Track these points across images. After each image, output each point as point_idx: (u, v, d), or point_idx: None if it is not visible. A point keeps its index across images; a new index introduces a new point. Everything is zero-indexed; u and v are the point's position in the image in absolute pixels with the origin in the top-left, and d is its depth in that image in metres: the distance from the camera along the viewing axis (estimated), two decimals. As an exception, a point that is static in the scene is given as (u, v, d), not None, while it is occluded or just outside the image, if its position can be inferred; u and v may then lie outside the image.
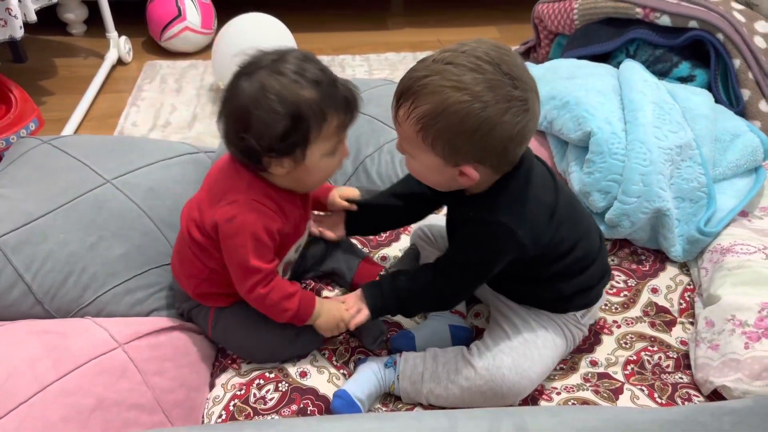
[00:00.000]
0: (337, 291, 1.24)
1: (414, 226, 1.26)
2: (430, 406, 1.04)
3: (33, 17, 1.76)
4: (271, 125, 0.90)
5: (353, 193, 1.18)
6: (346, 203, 1.16)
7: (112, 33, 2.28)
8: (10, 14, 1.66)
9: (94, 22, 2.41)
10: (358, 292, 1.06)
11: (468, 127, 0.85)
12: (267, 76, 0.91)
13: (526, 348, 1.02)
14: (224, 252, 1.00)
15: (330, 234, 1.18)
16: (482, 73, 0.85)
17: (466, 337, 1.12)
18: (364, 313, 1.04)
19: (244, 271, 0.99)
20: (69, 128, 1.94)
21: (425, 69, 0.87)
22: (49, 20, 2.35)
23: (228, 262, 1.01)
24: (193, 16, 2.29)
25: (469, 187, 0.95)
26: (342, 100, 0.95)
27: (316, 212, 1.20)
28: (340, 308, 1.05)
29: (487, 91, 0.84)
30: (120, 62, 2.34)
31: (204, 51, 2.39)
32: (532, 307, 1.07)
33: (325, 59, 2.35)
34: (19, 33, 1.70)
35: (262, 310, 1.04)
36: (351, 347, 1.13)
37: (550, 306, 1.06)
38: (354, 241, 1.31)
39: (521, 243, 0.94)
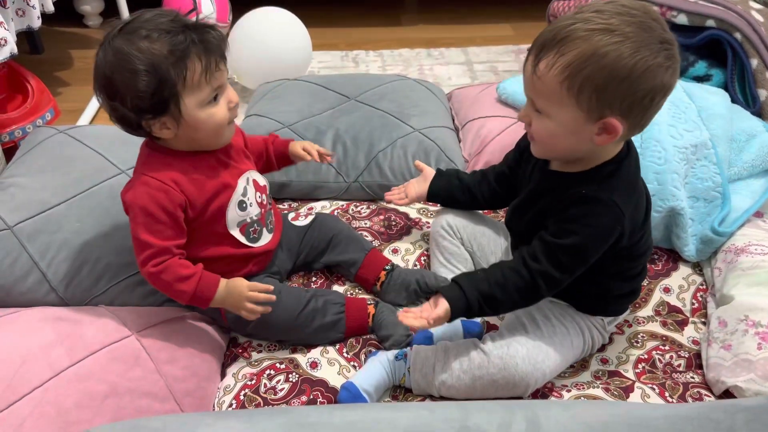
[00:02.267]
0: (347, 285, 1.24)
1: (437, 217, 1.25)
2: (441, 398, 1.04)
3: (50, 8, 1.77)
4: (131, 85, 0.91)
5: (311, 145, 1.20)
6: (305, 153, 1.18)
7: (128, 25, 2.29)
8: (28, 4, 1.67)
9: (110, 15, 2.41)
10: (437, 295, 0.98)
11: (620, 69, 0.82)
12: (119, 40, 0.93)
13: (542, 341, 1.01)
14: None
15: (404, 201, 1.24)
16: (632, 16, 0.83)
17: (478, 332, 1.12)
18: (444, 308, 0.94)
19: (136, 245, 1.00)
20: (84, 119, 1.96)
21: (568, 19, 0.84)
22: (66, 12, 2.37)
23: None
24: (208, 9, 2.30)
25: (586, 156, 0.92)
26: (199, 44, 0.94)
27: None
28: (243, 288, 1.01)
29: (639, 32, 0.82)
30: (135, 54, 2.35)
31: (218, 44, 2.40)
32: (562, 302, 1.05)
33: (339, 54, 2.37)
34: (37, 23, 1.71)
35: (158, 288, 1.03)
36: (362, 339, 1.13)
37: (587, 304, 1.04)
38: (365, 234, 1.32)
39: (624, 228, 0.92)
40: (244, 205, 1.09)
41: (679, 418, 0.68)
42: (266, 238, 1.15)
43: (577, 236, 0.92)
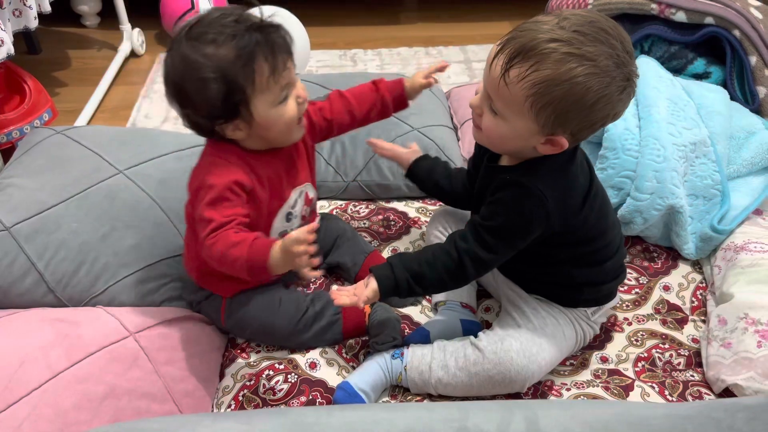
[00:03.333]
0: (346, 285, 1.23)
1: (430, 219, 1.26)
2: (439, 397, 1.04)
3: (47, 8, 1.77)
4: (203, 93, 0.90)
5: (442, 64, 1.15)
6: (426, 80, 1.15)
7: (126, 25, 2.29)
8: (24, 4, 1.66)
9: (107, 15, 2.41)
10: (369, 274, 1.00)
11: (586, 100, 0.84)
12: (185, 47, 0.91)
13: (535, 334, 1.01)
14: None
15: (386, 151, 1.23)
16: (611, 48, 0.83)
17: (477, 331, 1.12)
18: (372, 287, 0.96)
19: (199, 223, 0.97)
20: (82, 119, 1.95)
21: (551, 32, 0.83)
22: (63, 12, 2.36)
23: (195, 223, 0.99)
24: (206, 8, 2.30)
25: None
26: (264, 45, 0.92)
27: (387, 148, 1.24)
28: (292, 240, 0.92)
29: (615, 67, 0.83)
30: (133, 54, 2.35)
31: (216, 44, 2.39)
32: (542, 297, 1.06)
33: (337, 53, 2.37)
34: (33, 23, 1.71)
35: (217, 266, 0.97)
36: (361, 340, 1.12)
37: (560, 296, 1.06)
38: (363, 233, 1.31)
39: (549, 213, 0.93)
40: (290, 216, 1.09)
41: (680, 417, 0.68)
42: None
43: (500, 218, 0.95)
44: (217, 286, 1.09)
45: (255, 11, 0.96)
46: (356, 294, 0.96)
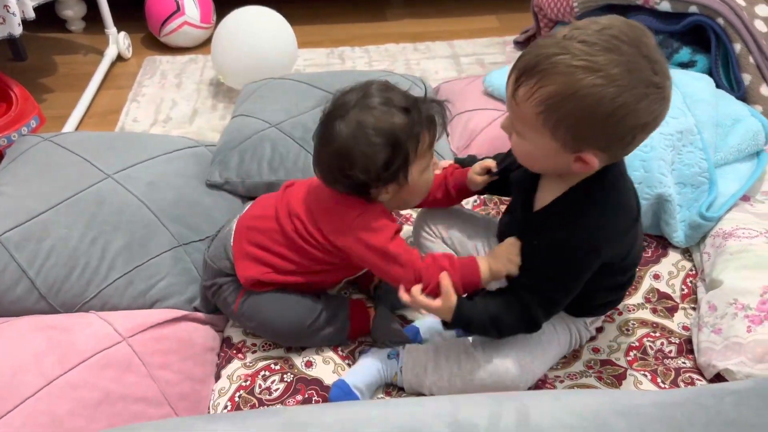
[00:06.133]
0: (342, 283, 1.24)
1: (415, 220, 1.24)
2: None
3: (31, 14, 1.76)
4: (373, 157, 0.95)
5: (489, 164, 1.13)
6: (484, 178, 1.13)
7: (111, 29, 2.28)
8: (8, 11, 1.66)
9: (93, 19, 2.40)
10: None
11: (599, 113, 0.78)
12: (359, 113, 0.96)
13: (529, 341, 1.01)
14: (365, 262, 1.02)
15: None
16: (621, 55, 0.77)
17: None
18: (450, 304, 0.94)
19: (400, 274, 0.99)
20: (70, 125, 1.94)
21: (555, 46, 0.79)
22: (48, 18, 2.35)
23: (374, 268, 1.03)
24: (191, 10, 2.29)
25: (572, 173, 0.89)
26: (428, 118, 0.98)
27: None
28: (503, 249, 0.98)
29: (625, 74, 0.77)
30: (120, 58, 2.34)
31: (203, 45, 2.38)
32: None
33: (324, 51, 2.36)
34: (18, 30, 1.70)
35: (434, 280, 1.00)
36: (357, 339, 1.13)
37: (569, 308, 1.03)
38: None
39: (602, 257, 0.91)
40: None
41: (669, 404, 0.68)
42: None
43: (547, 273, 0.93)
44: (264, 287, 1.09)
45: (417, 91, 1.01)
46: (421, 300, 0.95)
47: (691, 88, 1.38)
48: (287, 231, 1.05)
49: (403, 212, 1.40)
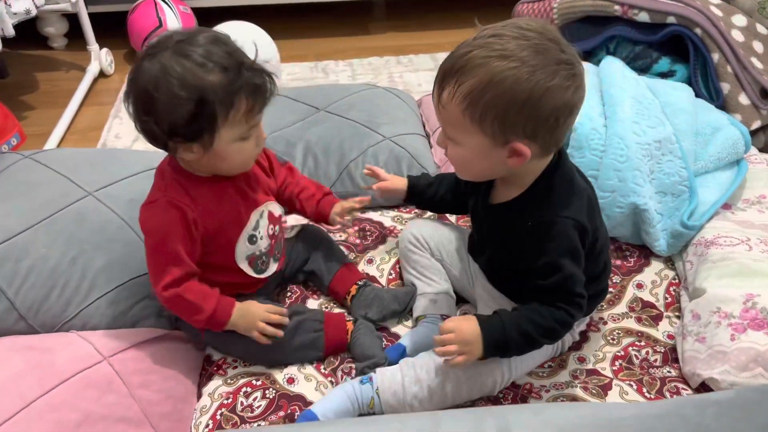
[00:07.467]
0: (322, 299, 1.23)
1: (402, 232, 1.25)
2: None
3: (11, 32, 1.75)
4: (172, 110, 0.89)
5: (351, 205, 1.19)
6: (344, 220, 1.19)
7: (93, 46, 2.27)
8: (-13, 29, 1.65)
9: (74, 36, 2.39)
10: (470, 319, 0.95)
11: (518, 95, 0.82)
12: (170, 58, 0.89)
13: None
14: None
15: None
16: (527, 39, 0.83)
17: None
18: (474, 354, 0.93)
19: (155, 269, 1.01)
20: (51, 142, 1.93)
21: (467, 46, 0.86)
22: (29, 35, 2.34)
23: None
24: (174, 26, 2.29)
25: (514, 174, 0.93)
26: (250, 86, 0.92)
27: (379, 186, 1.24)
28: (259, 311, 1.04)
29: (534, 55, 0.82)
30: (102, 75, 2.33)
31: (186, 61, 2.38)
32: None
33: (308, 65, 2.37)
34: (-2, 48, 1.69)
35: (176, 311, 1.04)
36: (340, 356, 1.11)
37: None
38: (341, 247, 1.31)
39: (587, 230, 0.93)
40: (255, 239, 1.08)
41: (649, 416, 0.68)
42: (272, 267, 1.14)
43: (551, 265, 0.92)
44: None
45: (249, 51, 0.96)
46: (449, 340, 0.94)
47: (670, 98, 1.39)
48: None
49: (387, 225, 1.39)
